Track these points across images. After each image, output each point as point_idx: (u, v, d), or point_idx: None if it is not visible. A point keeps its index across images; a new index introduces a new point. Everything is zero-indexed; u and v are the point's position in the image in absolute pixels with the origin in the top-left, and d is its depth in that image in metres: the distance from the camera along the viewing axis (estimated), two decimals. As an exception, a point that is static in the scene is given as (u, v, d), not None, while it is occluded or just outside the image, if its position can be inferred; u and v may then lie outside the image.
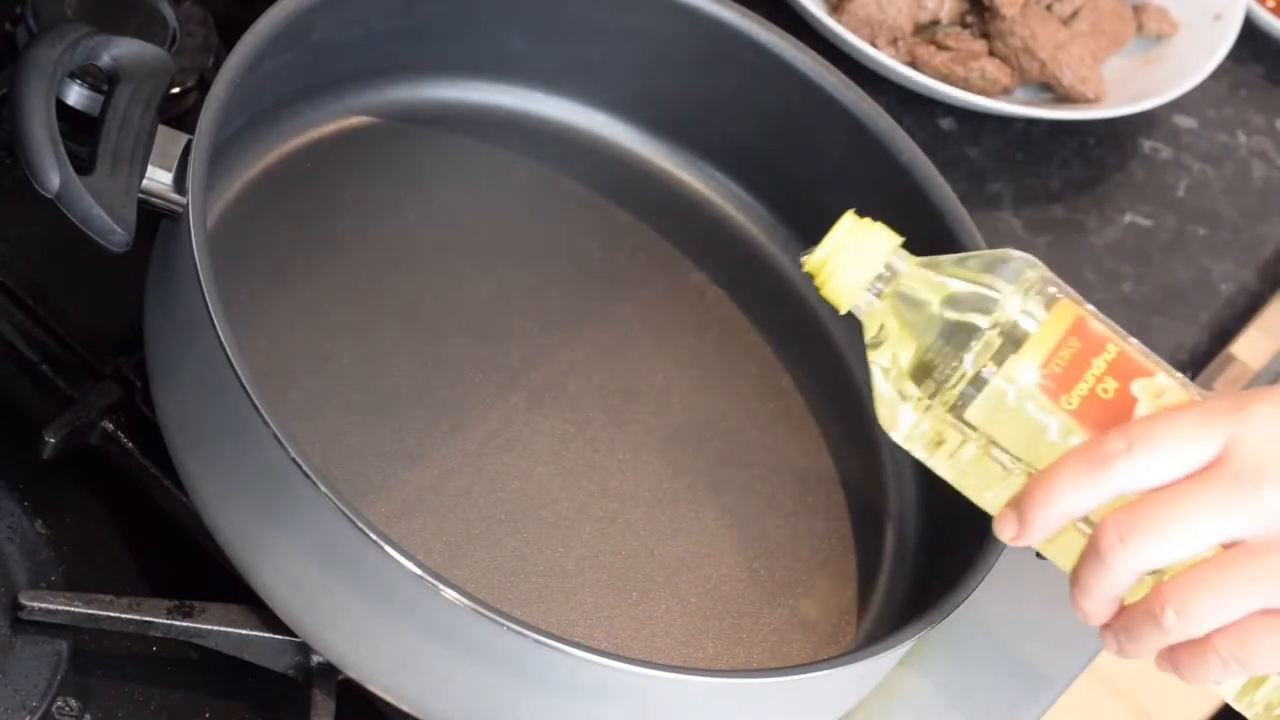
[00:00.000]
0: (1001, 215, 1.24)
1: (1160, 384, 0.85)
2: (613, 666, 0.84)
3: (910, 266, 0.89)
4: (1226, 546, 0.81)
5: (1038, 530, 0.83)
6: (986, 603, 0.95)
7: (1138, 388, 0.85)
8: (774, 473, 1.03)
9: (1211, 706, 1.67)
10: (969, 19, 1.28)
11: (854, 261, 0.89)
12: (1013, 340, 0.86)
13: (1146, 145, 1.31)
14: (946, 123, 1.27)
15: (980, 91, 1.24)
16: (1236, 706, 0.87)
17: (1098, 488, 0.81)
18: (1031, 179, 1.26)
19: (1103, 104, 1.27)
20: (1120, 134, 1.30)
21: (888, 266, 0.89)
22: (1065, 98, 1.27)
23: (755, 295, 1.09)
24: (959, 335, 0.86)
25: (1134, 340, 0.87)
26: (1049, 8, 1.29)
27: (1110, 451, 0.81)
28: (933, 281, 0.88)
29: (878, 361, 0.88)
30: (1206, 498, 0.80)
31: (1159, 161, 1.31)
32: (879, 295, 0.89)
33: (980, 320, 0.86)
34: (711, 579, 0.98)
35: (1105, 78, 1.28)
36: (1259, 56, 1.38)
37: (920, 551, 1.02)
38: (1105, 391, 0.85)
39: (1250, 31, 1.36)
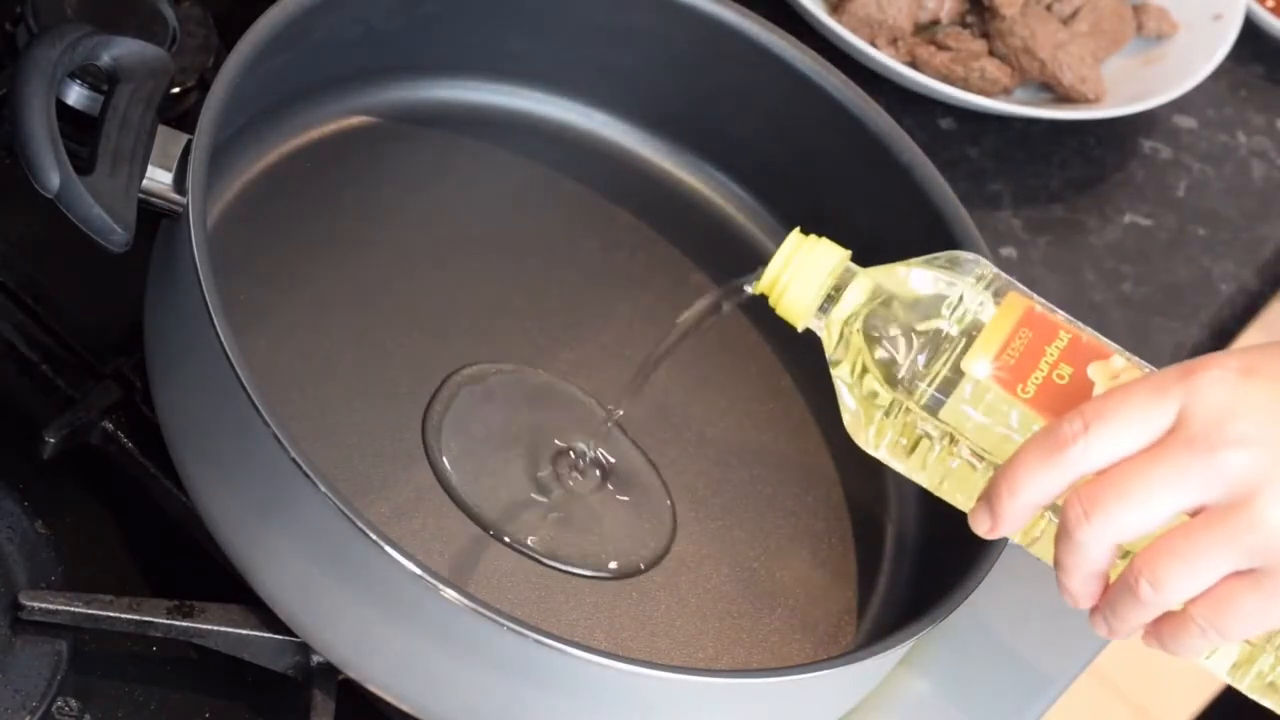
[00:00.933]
0: (1001, 215, 1.24)
1: (1116, 366, 0.86)
2: (613, 666, 0.85)
3: (862, 277, 0.89)
4: (1194, 513, 0.82)
5: (1010, 522, 0.84)
6: (986, 603, 0.95)
7: (1093, 371, 0.86)
8: (774, 473, 1.03)
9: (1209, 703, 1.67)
10: (969, 19, 1.28)
11: (804, 278, 0.90)
12: (970, 337, 0.86)
13: (1146, 145, 1.31)
14: (946, 123, 1.27)
15: (980, 91, 1.24)
16: (1230, 681, 0.87)
17: (1060, 471, 0.82)
18: (1031, 179, 1.26)
19: (1103, 104, 1.27)
20: (1120, 134, 1.30)
21: (839, 279, 0.89)
22: (1065, 98, 1.27)
23: (755, 295, 1.09)
24: (918, 339, 0.87)
25: (1088, 329, 0.88)
26: (1049, 8, 1.29)
27: (1067, 435, 0.82)
28: (886, 289, 0.88)
29: (840, 376, 0.89)
30: (1164, 467, 0.81)
31: (1159, 161, 1.31)
32: (834, 309, 0.89)
33: (937, 322, 0.87)
34: (711, 579, 0.98)
35: (1105, 78, 1.28)
36: (1259, 56, 1.38)
37: (920, 551, 1.02)
38: (1061, 378, 0.86)
39: (1250, 31, 1.36)
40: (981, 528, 0.85)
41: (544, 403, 1.01)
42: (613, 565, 0.96)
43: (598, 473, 0.99)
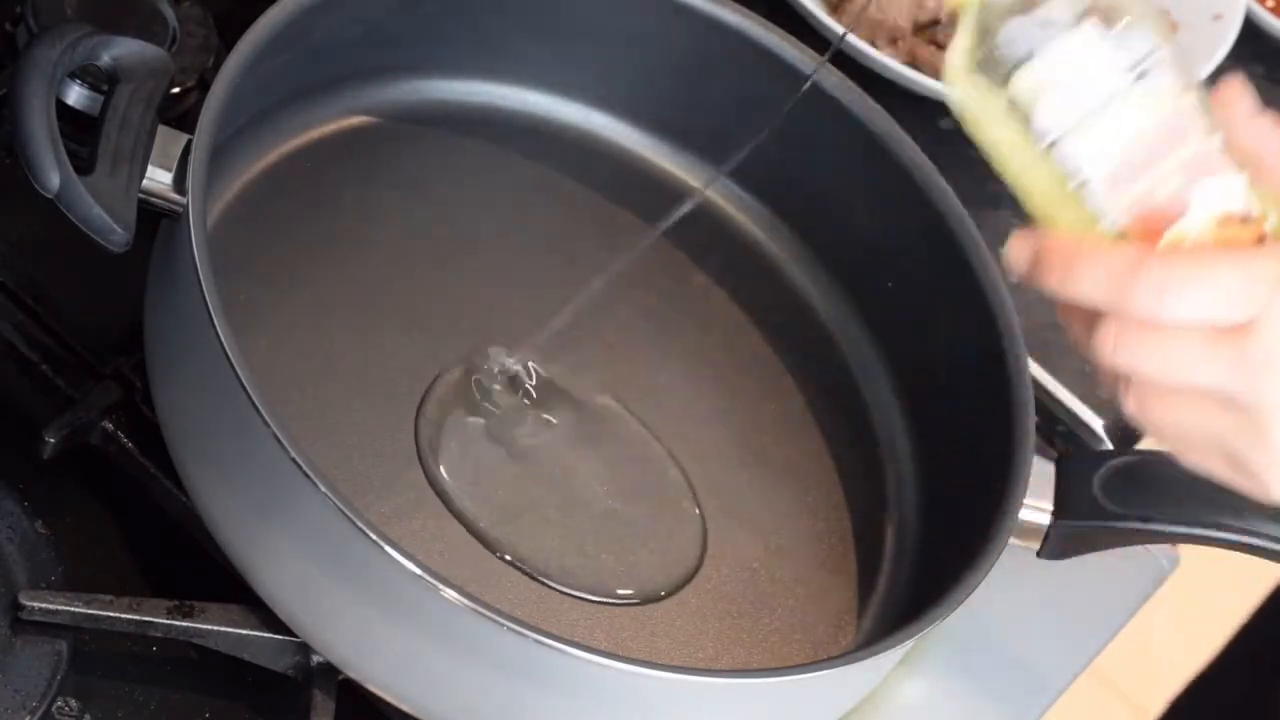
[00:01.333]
0: (1001, 215, 1.24)
1: (1224, 187, 0.83)
2: (613, 666, 0.85)
3: None
4: None
5: (1042, 286, 0.83)
6: (986, 603, 0.95)
7: (1198, 193, 0.83)
8: (774, 473, 1.03)
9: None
10: (969, 19, 1.28)
11: None
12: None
13: (1146, 145, 1.31)
14: (946, 123, 1.26)
15: (980, 91, 1.24)
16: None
17: (1114, 302, 0.81)
18: (1031, 179, 1.26)
19: (1103, 104, 1.26)
20: (1120, 134, 1.30)
21: None
22: (1065, 98, 1.26)
23: (756, 295, 1.09)
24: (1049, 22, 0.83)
25: (1220, 134, 0.83)
26: (1049, 8, 1.28)
27: (1142, 288, 0.80)
28: None
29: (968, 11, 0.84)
30: (1211, 364, 0.80)
31: (1159, 161, 1.30)
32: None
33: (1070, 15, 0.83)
34: (711, 579, 0.98)
35: (1105, 78, 1.28)
36: (1259, 56, 1.38)
37: (920, 551, 1.02)
38: (1163, 192, 0.82)
39: (1250, 31, 1.36)
40: (1015, 268, 0.84)
41: (553, 397, 1.01)
42: (624, 591, 0.96)
43: (616, 482, 0.99)
